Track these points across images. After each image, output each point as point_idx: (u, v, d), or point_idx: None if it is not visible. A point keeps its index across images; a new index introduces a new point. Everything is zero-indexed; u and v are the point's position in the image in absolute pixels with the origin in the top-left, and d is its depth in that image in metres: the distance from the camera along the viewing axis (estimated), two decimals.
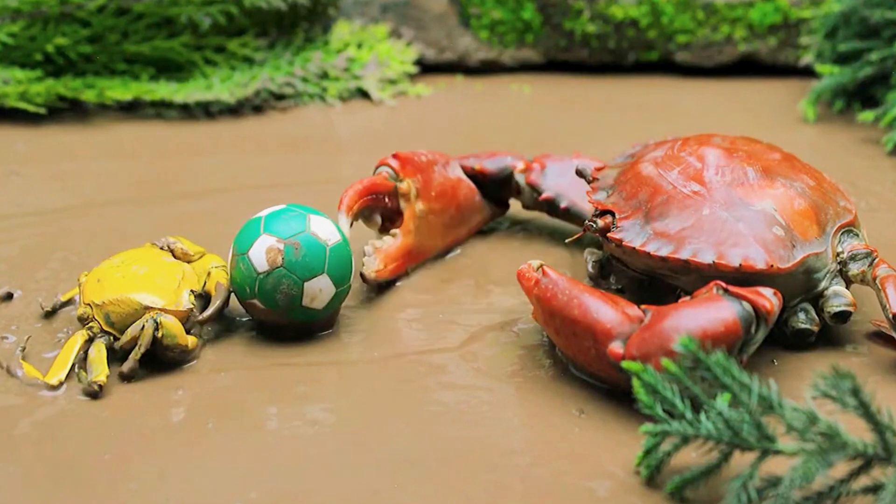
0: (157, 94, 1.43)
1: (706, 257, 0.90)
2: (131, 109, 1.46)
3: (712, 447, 0.75)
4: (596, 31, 1.60)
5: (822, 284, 0.94)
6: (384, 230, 1.06)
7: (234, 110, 1.47)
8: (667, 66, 1.63)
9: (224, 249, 1.06)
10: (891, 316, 0.91)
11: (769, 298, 0.85)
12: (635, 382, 0.78)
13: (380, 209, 1.05)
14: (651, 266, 0.94)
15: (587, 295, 0.87)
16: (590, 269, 1.00)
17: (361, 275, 1.01)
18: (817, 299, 0.94)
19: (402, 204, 1.05)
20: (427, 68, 1.63)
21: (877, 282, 0.93)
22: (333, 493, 0.80)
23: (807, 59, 1.55)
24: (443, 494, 0.79)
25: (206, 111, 1.47)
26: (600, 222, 0.95)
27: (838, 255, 0.95)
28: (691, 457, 0.79)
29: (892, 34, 1.41)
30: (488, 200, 1.14)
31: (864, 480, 0.73)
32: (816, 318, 0.93)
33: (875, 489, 0.72)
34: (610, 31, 1.60)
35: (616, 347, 0.84)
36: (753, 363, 0.91)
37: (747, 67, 1.60)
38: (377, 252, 1.03)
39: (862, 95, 1.46)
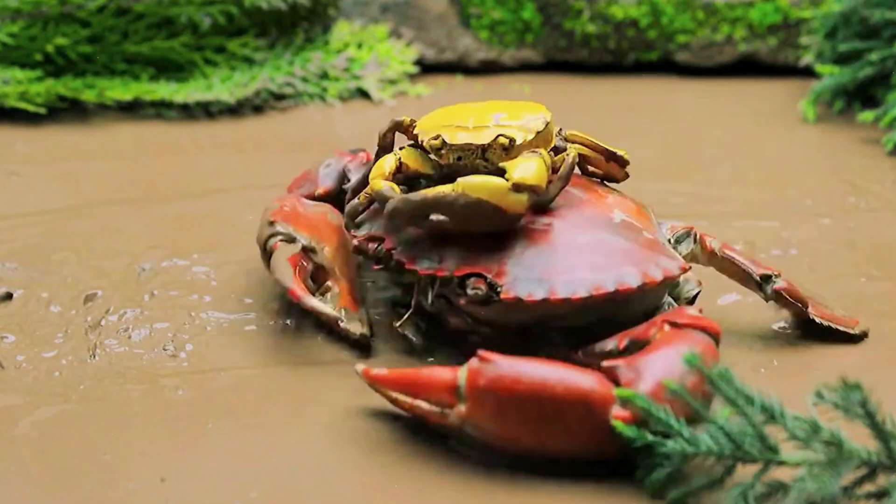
0: (157, 94, 1.43)
1: (630, 281, 0.83)
2: (131, 109, 1.46)
3: (714, 462, 0.75)
4: (596, 31, 1.60)
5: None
6: (321, 289, 0.98)
7: (234, 110, 1.47)
8: (667, 67, 1.63)
9: (224, 250, 1.06)
10: (759, 278, 0.91)
11: (711, 319, 0.82)
12: (616, 423, 0.74)
13: (307, 273, 0.96)
14: (540, 316, 0.85)
15: (555, 365, 0.76)
16: (414, 339, 0.91)
17: (351, 337, 0.95)
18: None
19: (313, 256, 0.97)
20: (427, 68, 1.63)
21: (717, 254, 0.92)
22: (334, 493, 0.80)
23: (807, 59, 1.55)
24: (443, 495, 0.79)
25: (206, 111, 1.47)
26: (478, 289, 0.84)
27: (668, 241, 0.92)
28: (696, 468, 0.79)
29: (892, 34, 1.41)
30: None
31: (867, 487, 0.73)
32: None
33: (879, 496, 0.72)
34: (610, 31, 1.60)
35: (620, 410, 0.75)
36: (753, 363, 0.91)
37: (747, 67, 1.60)
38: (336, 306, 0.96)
39: (862, 95, 1.46)
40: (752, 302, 0.99)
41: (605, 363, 0.77)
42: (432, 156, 0.88)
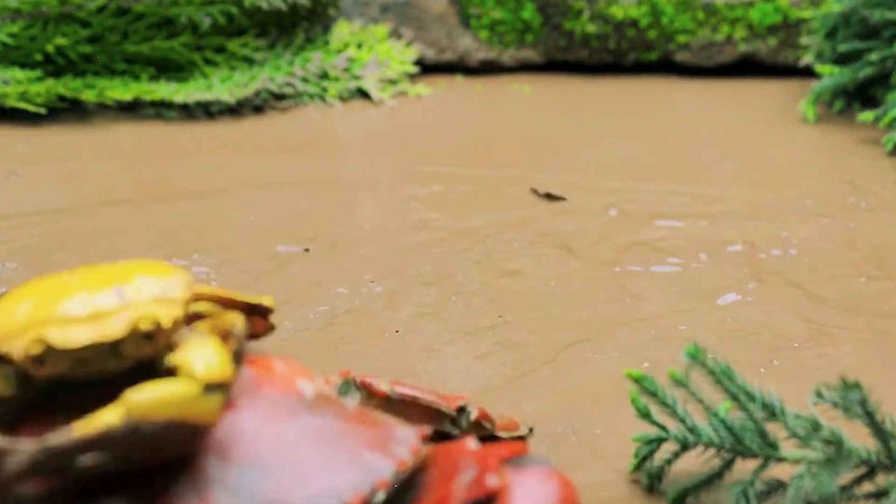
0: (157, 94, 1.43)
1: (385, 472, 0.60)
2: (131, 109, 1.46)
3: (714, 455, 0.75)
4: (596, 31, 1.60)
5: None
6: None
7: (234, 110, 1.47)
8: (667, 67, 1.63)
9: (224, 250, 1.06)
10: (454, 412, 0.72)
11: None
12: (631, 391, 0.77)
13: None
14: None
15: None
16: None
17: None
18: None
19: None
20: (427, 68, 1.63)
21: (392, 396, 0.71)
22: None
23: (807, 59, 1.55)
24: None
25: (206, 111, 1.47)
26: None
27: None
28: (695, 464, 0.79)
29: (892, 34, 1.41)
30: None
31: (866, 486, 0.73)
32: None
33: (878, 495, 0.72)
34: (610, 32, 1.60)
35: None
36: (753, 363, 0.91)
37: (747, 67, 1.61)
38: None
39: (862, 95, 1.46)
40: (752, 301, 0.99)
41: None
42: (25, 369, 0.57)
